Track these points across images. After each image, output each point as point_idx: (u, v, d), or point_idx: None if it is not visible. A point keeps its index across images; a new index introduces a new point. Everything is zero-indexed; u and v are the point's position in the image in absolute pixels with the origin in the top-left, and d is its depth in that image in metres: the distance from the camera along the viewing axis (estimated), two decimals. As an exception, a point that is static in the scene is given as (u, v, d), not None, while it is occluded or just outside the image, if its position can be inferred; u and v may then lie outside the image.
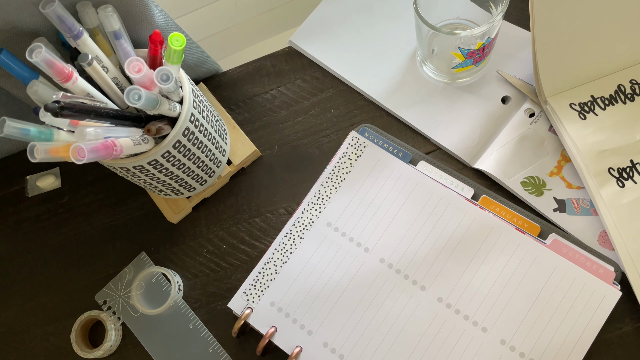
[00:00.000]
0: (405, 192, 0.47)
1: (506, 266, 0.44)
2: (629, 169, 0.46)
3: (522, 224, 0.45)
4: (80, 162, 0.35)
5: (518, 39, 0.53)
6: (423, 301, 0.44)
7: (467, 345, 0.42)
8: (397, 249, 0.46)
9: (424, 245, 0.45)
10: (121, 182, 0.55)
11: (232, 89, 0.57)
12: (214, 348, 0.47)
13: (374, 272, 0.45)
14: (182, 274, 0.51)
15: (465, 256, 0.44)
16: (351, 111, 0.54)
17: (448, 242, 0.45)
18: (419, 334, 0.43)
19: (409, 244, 0.45)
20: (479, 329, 0.42)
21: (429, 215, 0.46)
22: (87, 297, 0.51)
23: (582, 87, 0.49)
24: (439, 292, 0.44)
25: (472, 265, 0.44)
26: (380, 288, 0.45)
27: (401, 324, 0.44)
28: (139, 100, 0.37)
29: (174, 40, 0.39)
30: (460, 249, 0.45)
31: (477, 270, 0.44)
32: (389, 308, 0.44)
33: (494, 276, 0.44)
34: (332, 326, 0.44)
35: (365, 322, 0.44)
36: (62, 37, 0.42)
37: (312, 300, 0.45)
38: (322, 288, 0.45)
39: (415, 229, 0.46)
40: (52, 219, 0.55)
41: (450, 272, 0.44)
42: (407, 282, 0.44)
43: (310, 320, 0.45)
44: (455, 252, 0.45)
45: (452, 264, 0.44)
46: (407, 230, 0.46)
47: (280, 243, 0.48)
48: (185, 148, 0.43)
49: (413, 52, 0.55)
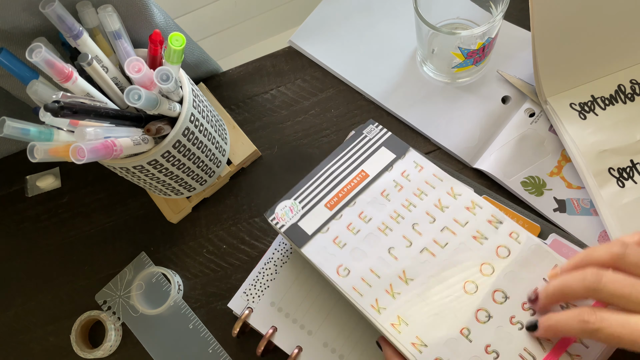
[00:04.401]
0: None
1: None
2: (629, 169, 0.46)
3: (522, 224, 0.45)
4: (80, 162, 0.35)
5: (518, 39, 0.53)
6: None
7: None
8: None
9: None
10: (121, 182, 0.55)
11: (232, 89, 0.57)
12: (214, 348, 0.47)
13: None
14: (182, 274, 0.51)
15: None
16: (351, 111, 0.54)
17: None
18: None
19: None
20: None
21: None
22: (87, 297, 0.51)
23: (582, 87, 0.49)
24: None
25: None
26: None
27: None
28: (139, 100, 0.37)
29: (174, 40, 0.39)
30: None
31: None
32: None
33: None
34: (332, 326, 0.44)
35: (366, 322, 0.44)
36: (62, 37, 0.42)
37: (312, 300, 0.45)
38: (322, 288, 0.45)
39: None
40: (52, 219, 0.55)
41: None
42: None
43: (310, 320, 0.45)
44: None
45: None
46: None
47: (280, 243, 0.47)
48: (185, 148, 0.43)
49: (413, 52, 0.55)
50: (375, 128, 0.47)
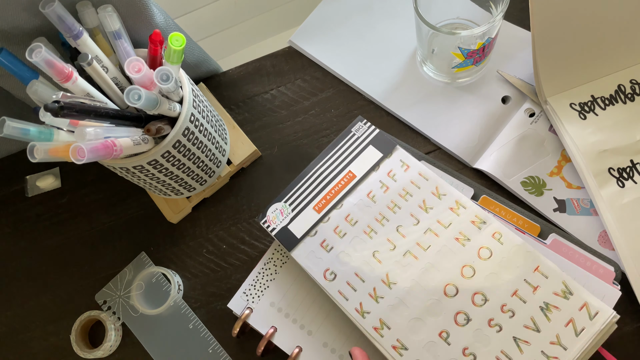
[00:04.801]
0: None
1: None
2: (629, 169, 0.46)
3: (522, 224, 0.45)
4: (80, 162, 0.35)
5: (518, 39, 0.53)
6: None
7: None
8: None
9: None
10: (121, 182, 0.55)
11: (232, 89, 0.57)
12: (214, 348, 0.47)
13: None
14: (182, 274, 0.51)
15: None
16: (351, 111, 0.54)
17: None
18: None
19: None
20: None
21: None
22: (87, 297, 0.51)
23: (582, 87, 0.49)
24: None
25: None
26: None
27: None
28: (139, 100, 0.37)
29: (174, 40, 0.39)
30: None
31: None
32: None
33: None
34: (332, 326, 0.44)
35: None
36: (62, 37, 0.42)
37: (312, 301, 0.45)
38: (322, 288, 0.45)
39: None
40: (52, 219, 0.55)
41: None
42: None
43: (310, 321, 0.45)
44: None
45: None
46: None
47: (280, 243, 0.47)
48: (185, 148, 0.43)
49: (413, 52, 0.55)
50: (363, 125, 0.47)
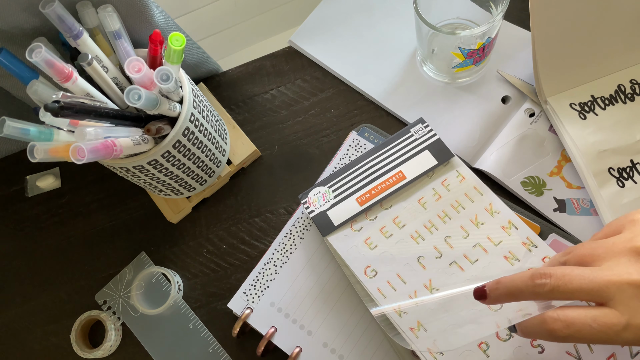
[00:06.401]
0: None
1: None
2: (629, 169, 0.46)
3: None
4: (80, 162, 0.35)
5: (518, 39, 0.53)
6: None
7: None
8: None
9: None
10: (121, 182, 0.55)
11: (232, 89, 0.57)
12: (214, 348, 0.47)
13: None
14: (182, 274, 0.51)
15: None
16: (351, 111, 0.54)
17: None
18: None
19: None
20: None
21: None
22: (87, 297, 0.51)
23: (582, 87, 0.49)
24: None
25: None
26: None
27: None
28: (139, 100, 0.37)
29: (174, 40, 0.39)
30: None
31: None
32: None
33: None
34: (332, 326, 0.44)
35: (366, 322, 0.44)
36: (62, 37, 0.42)
37: (312, 301, 0.45)
38: (322, 288, 0.45)
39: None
40: (52, 219, 0.55)
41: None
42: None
43: (310, 321, 0.45)
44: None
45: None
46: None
47: (280, 243, 0.47)
48: (185, 148, 0.43)
49: (413, 52, 0.55)
50: (424, 128, 0.46)
